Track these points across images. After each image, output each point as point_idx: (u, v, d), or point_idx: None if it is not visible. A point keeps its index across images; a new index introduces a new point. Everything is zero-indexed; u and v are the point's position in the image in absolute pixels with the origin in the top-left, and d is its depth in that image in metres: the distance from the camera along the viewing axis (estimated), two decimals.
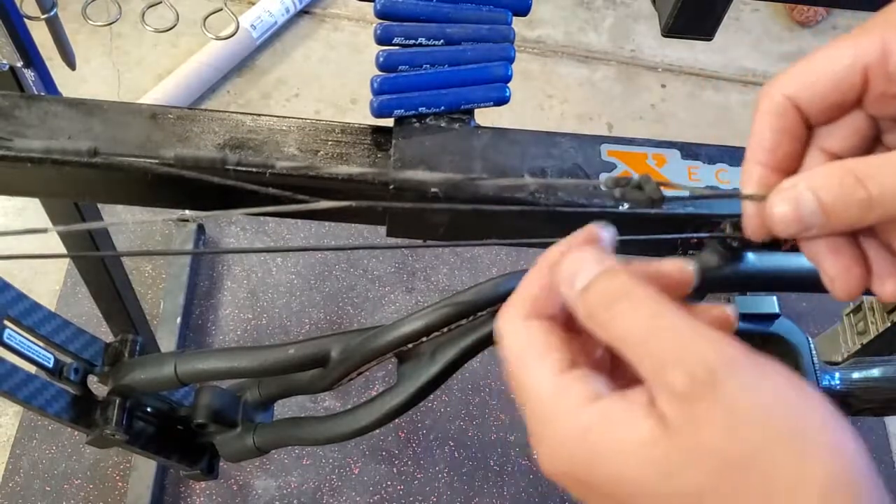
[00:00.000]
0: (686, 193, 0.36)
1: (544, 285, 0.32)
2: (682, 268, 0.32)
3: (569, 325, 0.32)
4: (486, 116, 0.55)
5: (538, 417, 0.30)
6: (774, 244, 0.50)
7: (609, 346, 0.29)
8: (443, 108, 0.56)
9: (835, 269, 0.32)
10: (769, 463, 0.25)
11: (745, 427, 0.25)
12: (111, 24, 0.73)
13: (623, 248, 0.59)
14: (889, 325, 1.19)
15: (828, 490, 0.24)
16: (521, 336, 0.31)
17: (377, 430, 0.68)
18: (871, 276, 0.32)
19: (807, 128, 0.33)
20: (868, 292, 0.34)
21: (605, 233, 0.33)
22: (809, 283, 0.50)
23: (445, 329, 0.53)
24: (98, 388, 0.63)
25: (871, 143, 0.34)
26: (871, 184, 0.29)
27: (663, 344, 0.27)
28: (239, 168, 0.50)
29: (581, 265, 0.30)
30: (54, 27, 0.74)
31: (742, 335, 0.59)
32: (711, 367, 0.26)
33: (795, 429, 0.25)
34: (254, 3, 1.73)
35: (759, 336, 0.60)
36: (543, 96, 1.76)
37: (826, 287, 0.33)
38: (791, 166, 0.34)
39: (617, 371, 0.32)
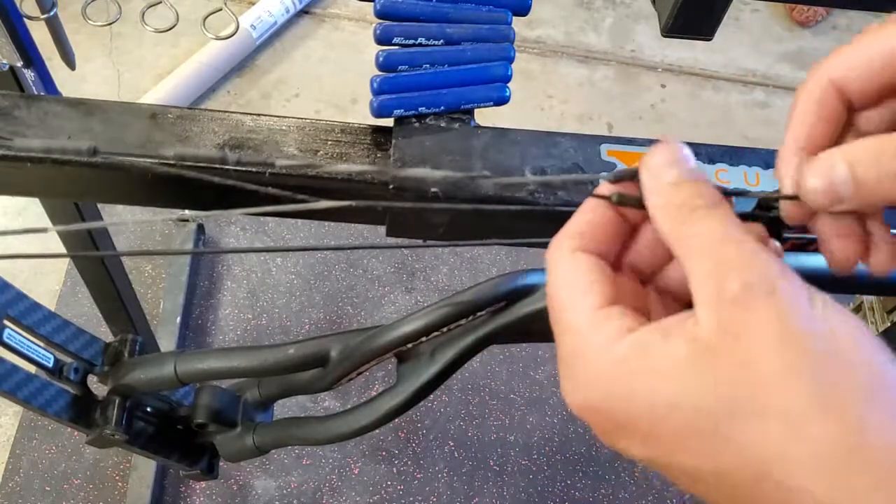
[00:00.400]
0: None
1: (596, 219, 0.32)
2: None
3: (615, 264, 0.32)
4: (486, 116, 0.55)
5: (572, 350, 0.30)
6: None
7: (670, 244, 0.29)
8: (443, 107, 0.56)
9: (838, 245, 0.33)
10: (808, 379, 0.25)
11: (791, 342, 0.25)
12: (111, 24, 0.73)
13: None
14: (889, 324, 1.19)
15: (861, 405, 0.25)
16: (566, 268, 0.31)
17: (377, 430, 0.68)
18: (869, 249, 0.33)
19: (848, 111, 0.33)
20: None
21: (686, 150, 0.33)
22: (809, 282, 0.50)
23: (445, 329, 0.53)
24: (98, 387, 0.63)
25: None
26: None
27: (730, 252, 0.27)
28: (239, 168, 0.50)
29: (673, 160, 0.30)
30: (54, 27, 0.74)
31: None
32: (773, 283, 0.26)
33: (837, 349, 0.25)
34: (254, 3, 1.73)
35: None
36: (543, 96, 1.77)
37: (823, 254, 0.34)
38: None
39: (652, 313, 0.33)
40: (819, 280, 0.49)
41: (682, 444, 0.27)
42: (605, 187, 0.33)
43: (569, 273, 0.31)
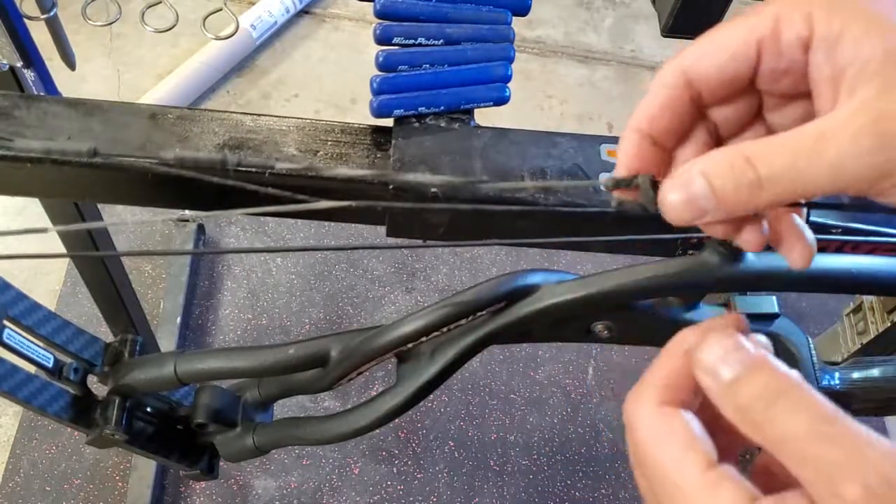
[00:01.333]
0: None
1: (678, 370, 0.30)
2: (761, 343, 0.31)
3: (702, 414, 0.30)
4: (486, 116, 0.55)
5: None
6: None
7: (762, 446, 0.28)
8: (442, 107, 0.56)
9: (740, 237, 0.33)
10: None
11: None
12: (111, 24, 0.73)
13: (623, 248, 0.60)
14: (889, 325, 1.19)
15: None
16: (658, 423, 0.30)
17: (377, 430, 0.68)
18: (781, 245, 0.32)
19: (698, 108, 0.33)
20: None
21: (746, 323, 0.31)
22: (809, 282, 0.50)
23: (445, 329, 0.53)
24: (98, 388, 0.63)
25: (753, 120, 0.34)
26: (760, 164, 0.28)
27: (832, 451, 0.25)
28: (239, 168, 0.50)
29: (725, 354, 0.29)
30: (54, 27, 0.74)
31: None
32: (889, 479, 0.25)
33: None
34: (254, 3, 1.73)
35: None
36: (543, 96, 1.77)
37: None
38: (670, 142, 0.33)
39: (755, 469, 0.31)
40: (818, 280, 0.49)
41: None
42: (683, 339, 0.31)
43: (661, 429, 0.29)
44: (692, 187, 0.29)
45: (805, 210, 0.34)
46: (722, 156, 0.29)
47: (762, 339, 0.30)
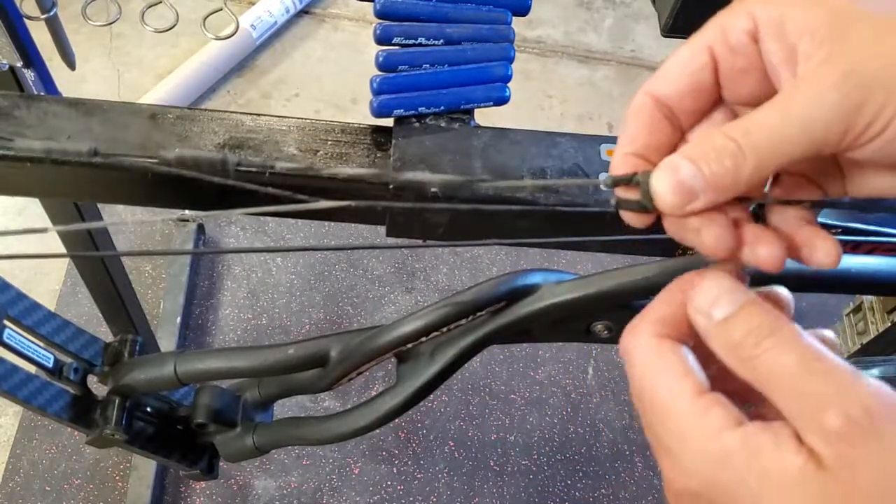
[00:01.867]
0: None
1: (676, 308, 0.31)
2: (784, 295, 0.32)
3: (698, 351, 0.31)
4: (486, 116, 0.55)
5: (674, 434, 0.29)
6: None
7: (750, 383, 0.29)
8: (443, 107, 0.56)
9: (709, 238, 0.32)
10: None
11: None
12: (111, 24, 0.73)
13: (623, 248, 0.60)
14: (889, 325, 1.19)
15: None
16: (653, 354, 0.31)
17: (377, 430, 0.68)
18: (743, 247, 0.32)
19: (676, 126, 0.34)
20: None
21: (743, 269, 0.32)
22: (809, 282, 0.50)
23: (445, 329, 0.53)
24: (98, 387, 0.63)
25: None
26: (738, 134, 0.29)
27: (818, 385, 0.27)
28: (239, 168, 0.50)
29: (719, 295, 0.30)
30: (54, 27, 0.74)
31: None
32: (871, 411, 0.26)
33: None
34: (254, 3, 1.73)
35: None
36: (543, 96, 1.77)
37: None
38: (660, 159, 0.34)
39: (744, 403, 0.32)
40: (818, 280, 0.49)
41: None
42: (684, 280, 0.32)
43: (656, 360, 0.31)
44: (679, 171, 0.30)
45: (816, 211, 0.34)
46: (703, 137, 0.30)
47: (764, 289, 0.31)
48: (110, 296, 1.02)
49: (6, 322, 0.55)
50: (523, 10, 0.57)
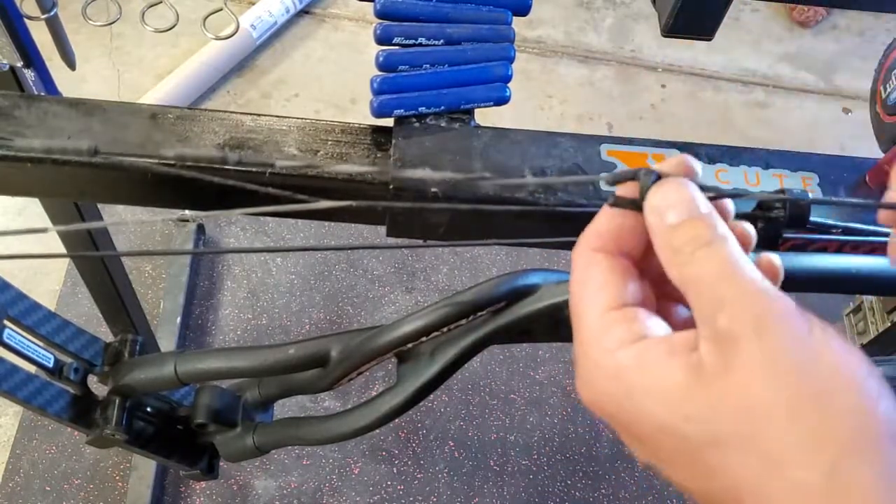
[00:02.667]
0: None
1: (620, 222, 0.32)
2: (746, 230, 0.33)
3: (640, 264, 0.33)
4: (486, 116, 0.55)
5: (582, 348, 0.31)
6: (773, 244, 0.50)
7: (676, 284, 0.30)
8: (443, 107, 0.56)
9: None
10: (789, 420, 0.25)
11: (773, 380, 0.26)
12: (111, 24, 0.73)
13: None
14: (889, 325, 1.19)
15: (843, 453, 0.24)
16: (583, 267, 0.32)
17: (377, 430, 0.68)
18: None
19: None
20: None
21: (697, 167, 0.32)
22: (808, 282, 0.50)
23: (445, 329, 0.53)
24: (98, 387, 0.63)
25: None
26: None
27: (723, 288, 0.28)
28: (239, 168, 0.50)
29: (675, 200, 0.31)
30: (54, 27, 0.74)
31: None
32: (758, 314, 0.27)
33: (823, 392, 0.25)
34: (254, 3, 1.73)
35: None
36: (543, 96, 1.76)
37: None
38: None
39: (670, 318, 0.33)
40: (818, 280, 0.49)
41: (672, 461, 0.28)
42: (627, 190, 0.33)
43: (584, 271, 0.32)
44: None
45: None
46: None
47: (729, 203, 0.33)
48: (110, 296, 1.02)
49: (6, 322, 0.55)
50: (523, 10, 0.57)
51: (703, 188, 0.32)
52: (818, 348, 0.26)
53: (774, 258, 0.32)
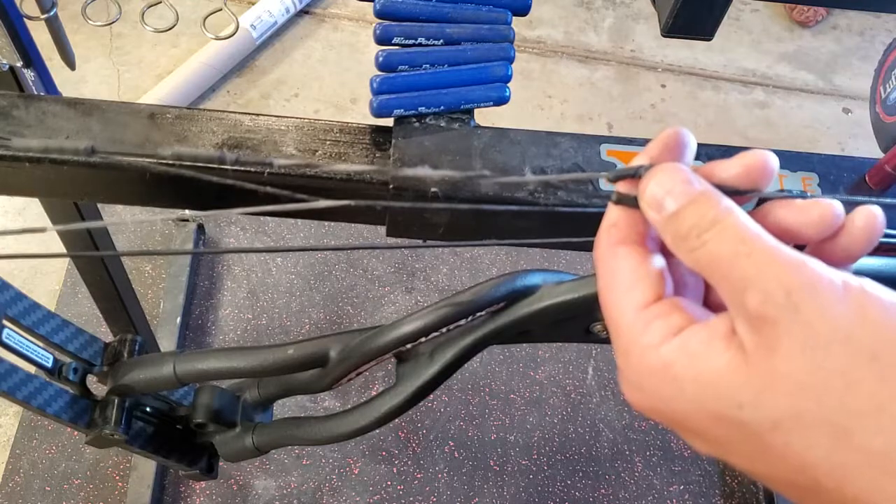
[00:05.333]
0: None
1: (633, 210, 0.31)
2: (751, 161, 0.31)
3: (663, 247, 0.31)
4: (485, 116, 0.55)
5: (622, 351, 0.30)
6: None
7: (695, 271, 0.29)
8: (442, 107, 0.56)
9: None
10: (846, 389, 0.24)
11: (821, 352, 0.25)
12: (111, 24, 0.73)
13: None
14: None
15: None
16: (609, 265, 0.31)
17: (377, 430, 0.68)
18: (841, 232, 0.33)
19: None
20: None
21: (687, 139, 0.31)
22: None
23: (444, 329, 0.53)
24: (97, 387, 0.63)
25: None
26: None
27: (744, 267, 0.26)
28: (237, 167, 0.50)
29: (669, 187, 0.29)
30: (54, 27, 0.74)
31: None
32: (788, 288, 0.25)
33: (875, 352, 0.24)
34: (254, 3, 1.73)
35: None
36: (543, 96, 1.76)
37: None
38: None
39: (710, 295, 0.32)
40: None
41: (737, 451, 0.27)
42: (627, 186, 0.32)
43: (610, 270, 0.31)
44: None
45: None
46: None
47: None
48: (110, 296, 1.02)
49: (5, 322, 0.55)
50: (523, 10, 0.57)
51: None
52: (858, 306, 0.25)
53: (874, 209, 0.30)
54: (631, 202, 0.31)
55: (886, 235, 0.52)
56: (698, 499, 1.29)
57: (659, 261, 0.31)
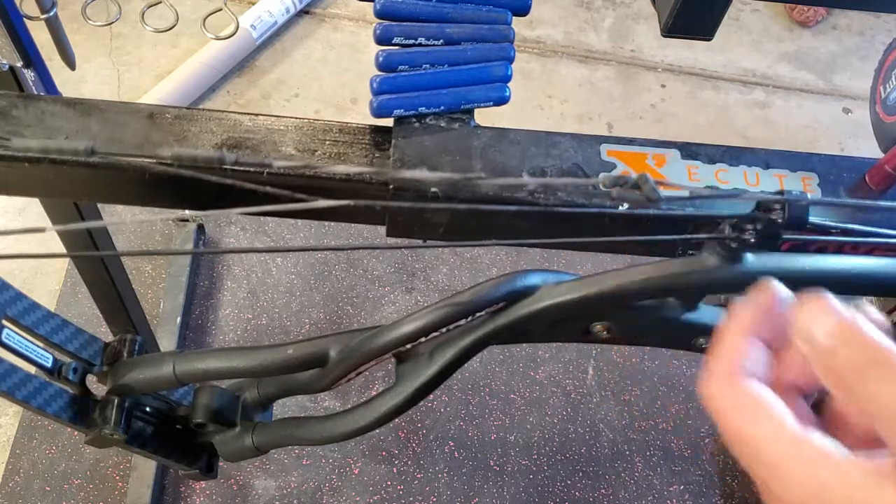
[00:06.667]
0: (685, 193, 0.36)
1: (745, 346, 0.32)
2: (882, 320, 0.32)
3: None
4: (486, 116, 0.54)
5: (772, 470, 0.29)
6: (773, 244, 0.50)
7: (852, 406, 0.29)
8: (442, 108, 0.56)
9: None
10: None
11: None
12: (111, 24, 0.73)
13: (623, 248, 0.60)
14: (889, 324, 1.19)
15: None
16: (741, 394, 0.31)
17: (377, 430, 0.68)
18: None
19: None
20: None
21: (783, 294, 0.32)
22: (808, 283, 0.50)
23: (444, 329, 0.53)
24: (97, 387, 0.63)
25: None
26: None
27: None
28: (236, 167, 0.50)
29: (824, 321, 0.30)
30: (54, 27, 0.74)
31: None
32: None
33: None
34: (254, 3, 1.73)
35: None
36: (543, 96, 1.76)
37: None
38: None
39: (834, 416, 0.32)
40: (818, 281, 0.49)
41: None
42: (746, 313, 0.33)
43: (750, 399, 0.31)
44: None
45: None
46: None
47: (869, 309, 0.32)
48: (110, 296, 1.02)
49: (5, 322, 0.55)
50: (523, 10, 0.57)
51: (702, 188, 0.32)
52: None
53: (876, 316, 0.31)
54: (638, 202, 0.32)
55: (885, 236, 0.52)
56: (698, 499, 1.29)
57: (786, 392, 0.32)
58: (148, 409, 0.67)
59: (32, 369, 0.58)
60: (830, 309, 0.30)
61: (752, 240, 0.41)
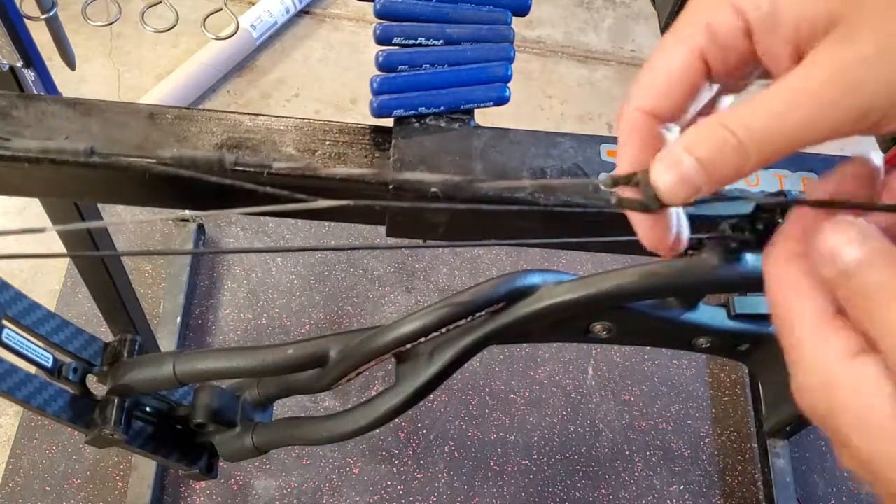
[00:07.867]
0: None
1: (805, 231, 0.30)
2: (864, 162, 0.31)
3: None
4: (486, 116, 0.55)
5: (793, 358, 0.29)
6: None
7: (860, 323, 0.27)
8: (442, 108, 0.56)
9: (650, 235, 0.34)
10: None
11: None
12: (111, 24, 0.73)
13: (622, 248, 0.60)
14: None
15: None
16: (783, 277, 0.30)
17: (377, 430, 0.68)
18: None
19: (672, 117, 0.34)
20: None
21: (877, 163, 0.31)
22: None
23: (444, 329, 0.53)
24: (97, 387, 0.63)
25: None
26: (740, 129, 0.29)
27: None
28: (236, 168, 0.49)
29: (843, 242, 0.28)
30: (54, 27, 0.74)
31: (739, 336, 0.59)
32: None
33: None
34: (254, 3, 1.73)
35: (757, 336, 0.60)
36: (543, 96, 1.76)
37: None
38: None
39: None
40: None
41: (883, 481, 0.26)
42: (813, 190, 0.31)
43: (788, 283, 0.30)
44: (682, 166, 0.30)
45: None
46: (703, 130, 0.30)
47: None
48: (110, 296, 1.02)
49: (5, 322, 0.55)
50: (523, 10, 0.57)
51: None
52: None
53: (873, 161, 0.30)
54: (634, 206, 0.32)
55: None
56: (698, 499, 1.29)
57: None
58: (148, 409, 0.67)
59: (33, 369, 0.58)
60: (853, 234, 0.28)
61: (752, 240, 0.41)
